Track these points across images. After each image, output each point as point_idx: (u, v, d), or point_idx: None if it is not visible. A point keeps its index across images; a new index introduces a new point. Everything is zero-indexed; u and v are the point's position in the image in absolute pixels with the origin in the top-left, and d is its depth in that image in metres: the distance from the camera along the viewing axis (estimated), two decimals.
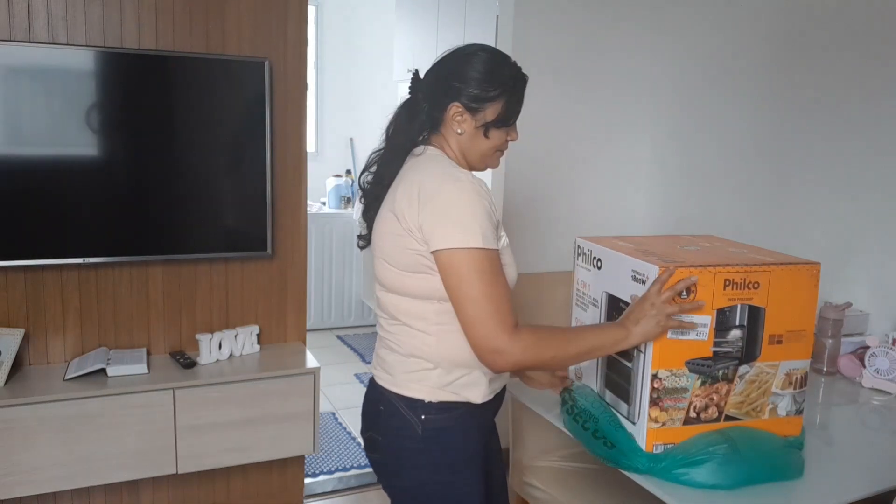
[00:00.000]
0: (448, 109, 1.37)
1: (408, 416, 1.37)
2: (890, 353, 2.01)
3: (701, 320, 1.36)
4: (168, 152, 2.34)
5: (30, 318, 2.29)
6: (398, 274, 1.34)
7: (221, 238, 2.46)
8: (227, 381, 2.32)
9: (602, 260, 1.51)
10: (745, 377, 1.42)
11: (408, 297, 1.35)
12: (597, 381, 1.55)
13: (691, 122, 3.03)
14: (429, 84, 1.41)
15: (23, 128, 2.16)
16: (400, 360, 1.39)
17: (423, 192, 1.29)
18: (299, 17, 2.48)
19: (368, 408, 1.49)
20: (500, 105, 1.38)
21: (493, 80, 1.36)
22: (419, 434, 1.37)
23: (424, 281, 1.32)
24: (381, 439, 1.43)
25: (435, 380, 1.36)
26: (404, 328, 1.38)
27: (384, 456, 1.45)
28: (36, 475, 2.11)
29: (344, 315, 5.00)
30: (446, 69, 1.39)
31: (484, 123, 1.38)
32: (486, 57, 1.38)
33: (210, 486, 2.56)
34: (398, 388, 1.39)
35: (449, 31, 3.97)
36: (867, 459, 1.57)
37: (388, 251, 1.35)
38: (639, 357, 1.39)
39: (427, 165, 1.35)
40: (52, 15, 2.17)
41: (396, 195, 1.34)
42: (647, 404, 1.37)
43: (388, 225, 1.34)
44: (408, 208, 1.30)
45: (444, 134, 1.40)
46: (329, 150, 5.34)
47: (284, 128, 2.50)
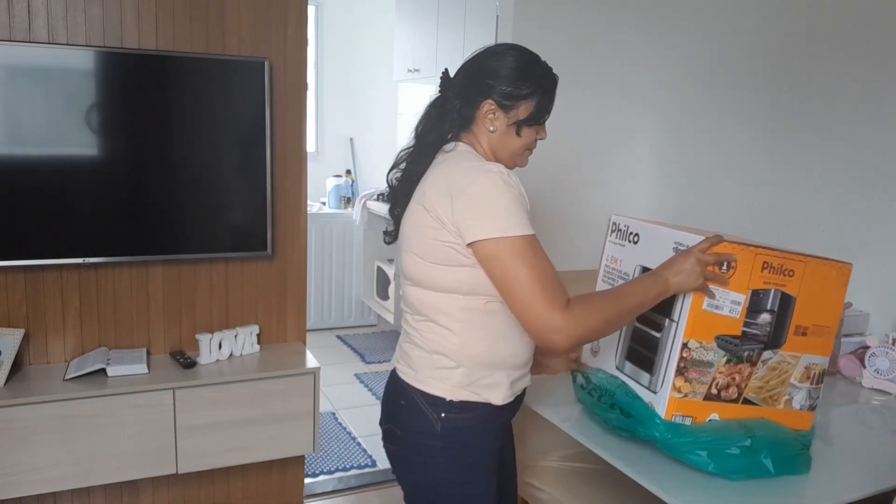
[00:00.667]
0: (481, 107, 1.38)
1: (428, 412, 1.38)
2: (890, 353, 2.01)
3: (736, 297, 1.37)
4: (168, 152, 2.34)
5: (30, 318, 2.29)
6: (426, 266, 1.34)
7: (221, 238, 2.46)
8: (227, 381, 2.32)
9: (640, 234, 1.52)
10: (767, 363, 1.44)
11: (434, 290, 1.35)
12: (617, 352, 1.55)
13: (691, 122, 3.03)
14: (460, 82, 1.42)
15: (23, 128, 2.16)
16: (423, 357, 1.39)
17: (454, 185, 1.30)
18: (299, 17, 2.48)
19: (389, 400, 1.49)
20: (532, 103, 1.39)
21: (526, 77, 1.37)
22: (438, 431, 1.37)
23: (452, 274, 1.32)
24: (400, 432, 1.43)
25: (457, 379, 1.37)
26: (429, 324, 1.38)
27: (401, 449, 1.45)
28: (36, 475, 2.11)
29: (344, 315, 5.00)
30: (478, 67, 1.40)
31: (516, 121, 1.39)
32: (519, 55, 1.39)
33: (210, 486, 2.56)
34: (420, 385, 1.39)
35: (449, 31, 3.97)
36: (867, 459, 1.57)
37: (417, 244, 1.36)
38: (670, 326, 1.39)
39: (457, 160, 1.36)
40: (52, 15, 2.17)
41: (426, 188, 1.35)
42: (672, 373, 1.37)
43: (418, 218, 1.35)
44: (438, 200, 1.30)
45: (474, 132, 1.41)
46: (329, 150, 5.34)
47: (284, 128, 2.50)
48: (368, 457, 3.14)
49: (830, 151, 2.43)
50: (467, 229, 1.27)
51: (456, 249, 1.30)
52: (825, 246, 2.42)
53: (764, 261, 1.38)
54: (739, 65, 2.78)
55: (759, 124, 2.70)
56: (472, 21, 3.65)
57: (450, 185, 1.30)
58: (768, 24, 2.65)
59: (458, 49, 3.84)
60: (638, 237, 1.52)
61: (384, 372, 4.20)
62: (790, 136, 2.58)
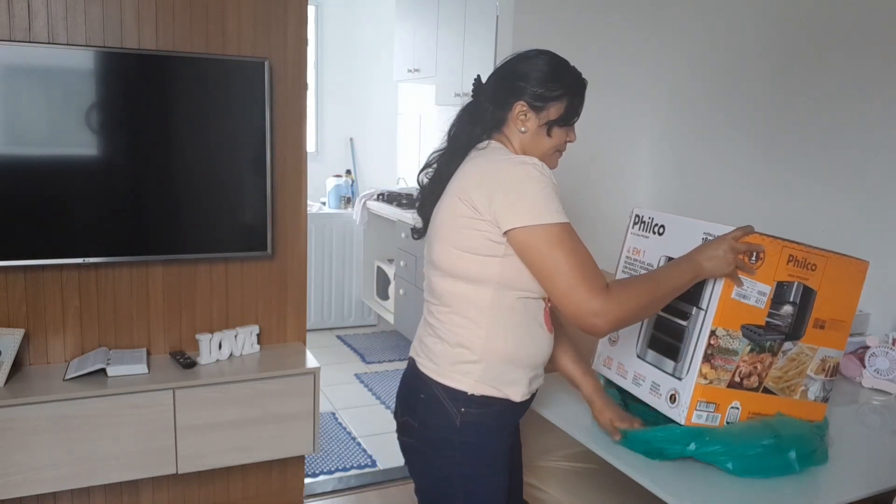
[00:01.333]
0: (513, 108, 1.42)
1: (448, 406, 1.39)
2: (890, 353, 2.01)
3: (762, 288, 1.40)
4: (168, 152, 2.34)
5: (30, 318, 2.29)
6: (458, 255, 1.36)
7: (221, 238, 2.46)
8: (227, 381, 2.32)
9: (665, 226, 1.55)
10: (787, 353, 1.48)
11: (464, 281, 1.37)
12: (638, 341, 1.56)
13: (691, 121, 3.03)
14: (492, 87, 1.47)
15: (23, 128, 2.16)
16: (446, 350, 1.41)
17: (490, 176, 1.34)
18: (299, 17, 2.48)
19: (407, 393, 1.50)
20: (562, 105, 1.44)
21: (557, 79, 1.43)
22: (457, 426, 1.39)
23: (484, 265, 1.34)
24: (417, 425, 1.44)
25: (479, 374, 1.39)
26: (455, 317, 1.40)
27: (418, 442, 1.46)
28: (36, 475, 2.11)
29: (344, 315, 5.00)
30: (510, 71, 1.45)
31: (547, 122, 1.43)
32: (549, 59, 1.45)
33: (210, 486, 2.56)
34: (442, 378, 1.40)
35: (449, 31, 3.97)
36: (867, 459, 1.57)
37: (450, 233, 1.37)
38: (698, 314, 1.42)
39: (491, 154, 1.40)
40: (52, 15, 2.17)
41: (462, 181, 1.38)
42: (700, 359, 1.39)
43: (453, 208, 1.37)
44: (475, 191, 1.33)
45: (506, 133, 1.45)
46: (329, 150, 5.34)
47: (284, 128, 2.50)
48: (368, 457, 3.14)
49: (830, 151, 2.43)
50: (504, 217, 1.30)
51: (490, 239, 1.33)
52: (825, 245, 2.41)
53: (790, 254, 1.42)
54: (739, 66, 2.78)
55: (760, 123, 2.70)
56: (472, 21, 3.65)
57: (486, 176, 1.35)
58: (768, 25, 2.65)
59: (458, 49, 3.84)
60: (664, 228, 1.55)
61: (384, 372, 4.20)
62: (790, 137, 2.58)
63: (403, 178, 5.27)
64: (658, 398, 1.48)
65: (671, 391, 1.45)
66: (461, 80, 3.82)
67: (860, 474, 1.49)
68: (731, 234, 1.37)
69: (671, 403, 1.45)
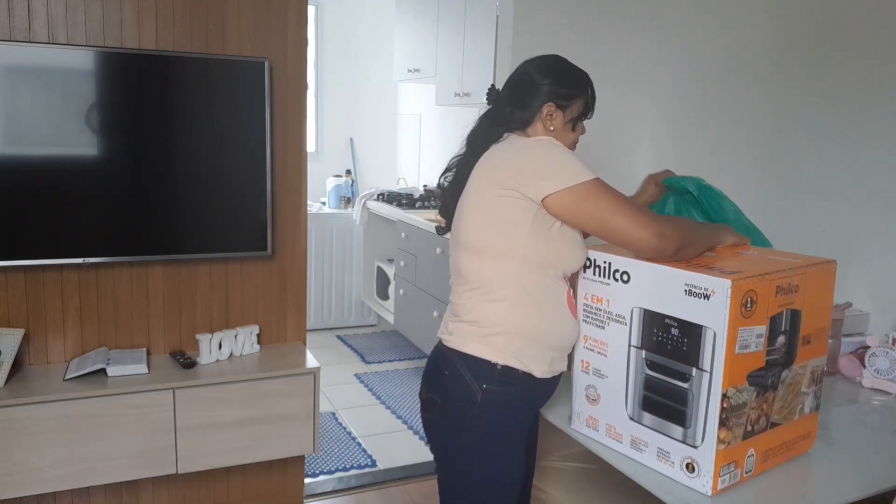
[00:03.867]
0: (541, 110, 1.52)
1: (471, 383, 1.44)
2: (890, 353, 2.01)
3: (759, 330, 1.34)
4: (168, 152, 2.34)
5: (30, 318, 2.29)
6: (486, 229, 1.42)
7: (221, 238, 2.46)
8: (227, 381, 2.32)
9: (630, 273, 1.43)
10: (784, 382, 1.42)
11: (489, 257, 1.43)
12: (627, 402, 1.48)
13: (691, 121, 3.03)
14: (510, 93, 1.55)
15: (23, 128, 2.16)
16: (471, 327, 1.47)
17: (512, 156, 1.44)
18: (299, 17, 2.48)
19: (432, 370, 1.55)
20: (582, 100, 1.56)
21: (575, 78, 1.56)
22: (478, 401, 1.44)
23: (511, 238, 1.41)
24: (441, 401, 1.50)
25: (502, 344, 1.44)
26: (481, 295, 1.45)
27: (441, 417, 1.51)
28: (36, 475, 2.11)
29: (344, 315, 5.00)
30: (530, 75, 1.55)
31: (571, 118, 1.55)
32: (561, 60, 1.59)
33: (210, 486, 2.56)
34: (466, 349, 1.45)
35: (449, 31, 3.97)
36: (867, 459, 1.57)
37: (478, 207, 1.44)
38: (700, 376, 1.33)
39: (509, 142, 1.49)
40: (52, 15, 2.17)
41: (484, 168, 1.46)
42: (715, 426, 1.32)
43: (479, 190, 1.44)
44: (500, 171, 1.42)
45: (529, 133, 1.54)
46: (329, 150, 5.34)
47: (284, 128, 2.50)
48: (368, 457, 3.14)
49: (830, 151, 2.43)
50: (538, 187, 1.37)
51: (520, 209, 1.39)
52: (825, 246, 2.42)
53: (777, 285, 1.35)
54: (740, 64, 2.78)
55: (760, 123, 2.70)
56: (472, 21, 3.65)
57: (508, 158, 1.44)
58: (768, 24, 2.65)
59: (458, 49, 3.84)
60: (628, 276, 1.44)
61: (384, 372, 4.20)
62: (790, 136, 2.58)
63: (403, 178, 5.27)
64: (671, 466, 1.40)
65: (686, 460, 1.37)
66: (461, 80, 3.82)
67: (860, 474, 1.49)
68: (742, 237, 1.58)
69: (689, 473, 1.37)
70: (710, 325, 1.30)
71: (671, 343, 1.37)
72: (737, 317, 1.29)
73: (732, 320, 1.28)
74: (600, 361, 1.52)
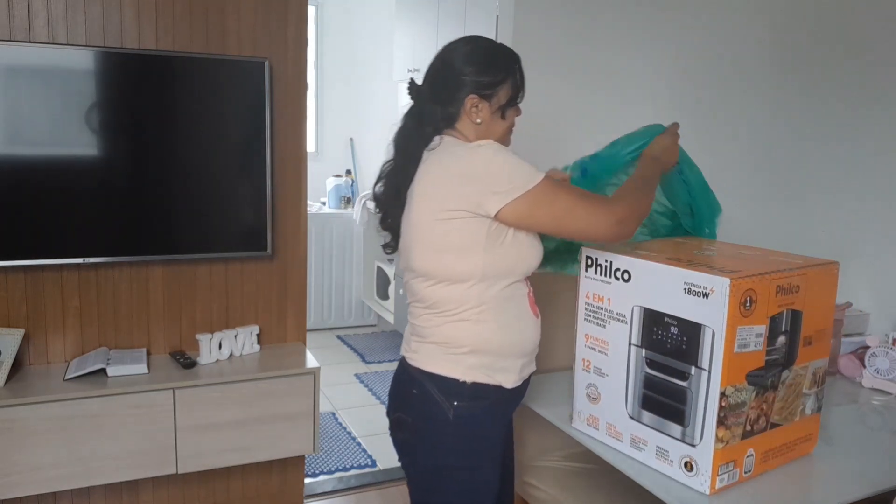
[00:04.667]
0: (464, 103, 1.43)
1: (440, 400, 1.41)
2: (890, 353, 2.01)
3: (759, 330, 1.34)
4: (168, 152, 2.34)
5: (30, 318, 2.29)
6: (439, 257, 1.37)
7: (221, 238, 2.46)
8: (227, 381, 2.32)
9: (631, 272, 1.44)
10: (785, 382, 1.42)
11: (448, 282, 1.38)
12: (627, 400, 1.48)
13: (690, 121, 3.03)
14: (431, 87, 1.47)
15: (23, 128, 2.16)
16: (435, 348, 1.43)
17: (453, 171, 1.36)
18: (299, 17, 2.48)
19: (399, 389, 1.51)
20: (509, 85, 1.46)
21: (496, 63, 1.45)
22: (450, 419, 1.41)
23: (467, 261, 1.36)
24: (411, 421, 1.46)
25: (470, 362, 1.41)
26: (441, 317, 1.41)
27: (412, 436, 1.47)
28: (36, 475, 2.11)
29: (344, 315, 5.00)
30: (447, 67, 1.45)
31: (500, 106, 1.46)
32: (482, 45, 1.47)
33: (210, 486, 2.56)
34: (434, 368, 1.42)
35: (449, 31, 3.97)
36: (867, 459, 1.57)
37: (429, 236, 1.37)
38: (699, 375, 1.34)
39: (446, 150, 1.40)
40: (52, 15, 2.17)
41: (425, 183, 1.39)
42: (713, 425, 1.32)
43: (427, 213, 1.37)
44: (443, 187, 1.35)
45: (458, 128, 1.46)
46: (329, 150, 5.34)
47: (284, 128, 2.50)
48: (368, 457, 3.14)
49: (830, 151, 2.43)
50: (488, 201, 1.32)
51: (470, 231, 1.34)
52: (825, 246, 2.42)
53: (777, 285, 1.35)
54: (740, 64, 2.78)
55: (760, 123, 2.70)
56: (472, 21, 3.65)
57: (449, 172, 1.36)
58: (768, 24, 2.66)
59: None
60: (629, 274, 1.44)
61: (384, 372, 4.19)
62: (791, 136, 2.58)
63: None
64: (669, 465, 1.41)
65: (685, 459, 1.38)
66: None
67: (860, 474, 1.49)
68: (670, 130, 1.60)
69: (688, 471, 1.38)
70: (708, 324, 1.31)
71: (671, 341, 1.38)
72: (735, 315, 1.29)
73: (731, 319, 1.29)
74: (601, 360, 1.53)
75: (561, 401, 1.71)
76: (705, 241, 1.65)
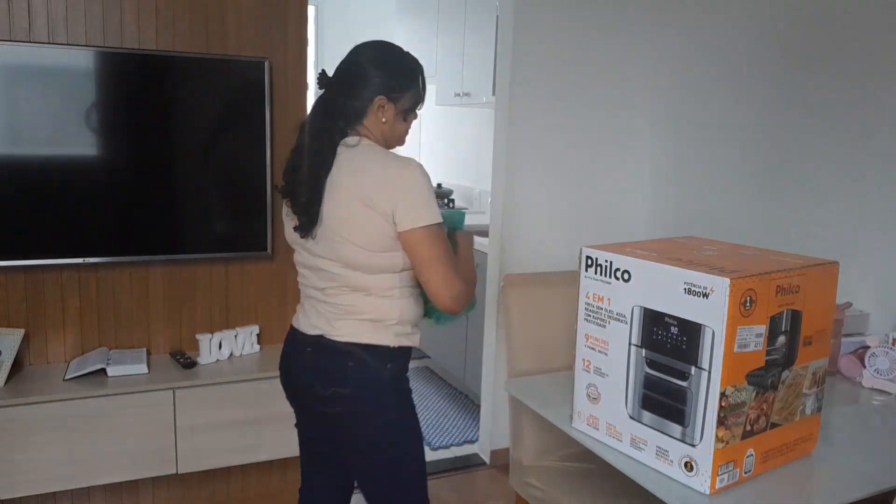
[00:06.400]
0: (373, 102, 1.55)
1: (375, 365, 1.56)
2: (890, 353, 2.01)
3: (759, 330, 1.33)
4: (168, 152, 2.34)
5: (30, 318, 2.29)
6: (371, 255, 1.51)
7: (221, 238, 2.46)
8: (227, 381, 2.32)
9: (631, 272, 1.44)
10: (785, 382, 1.42)
11: (375, 273, 1.54)
12: (627, 400, 1.48)
13: (692, 120, 3.03)
14: (343, 81, 1.57)
15: (23, 128, 2.16)
16: (366, 322, 1.57)
17: (388, 180, 1.47)
18: (299, 17, 2.48)
19: (329, 367, 1.59)
20: (413, 92, 1.60)
21: (407, 70, 1.59)
22: (386, 379, 1.57)
23: (391, 259, 1.52)
24: (349, 391, 1.56)
25: (397, 329, 1.58)
26: (370, 298, 1.56)
27: (351, 407, 1.57)
28: (36, 475, 2.11)
29: None
30: (362, 67, 1.56)
31: (403, 110, 1.59)
32: (394, 51, 1.60)
33: (210, 486, 2.57)
34: (367, 339, 1.56)
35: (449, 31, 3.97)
36: (867, 459, 1.57)
37: (358, 235, 1.50)
38: (699, 375, 1.33)
39: (374, 156, 1.52)
40: (52, 15, 2.18)
41: (359, 184, 1.49)
42: (713, 425, 1.32)
43: (359, 212, 1.49)
44: (378, 196, 1.47)
45: (366, 125, 1.57)
46: None
47: (284, 128, 2.50)
48: None
49: (830, 151, 2.43)
50: (404, 219, 1.47)
51: (392, 237, 1.50)
52: (825, 246, 2.42)
53: (777, 285, 1.35)
54: (740, 64, 2.78)
55: (760, 123, 2.70)
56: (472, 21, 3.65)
57: (383, 180, 1.48)
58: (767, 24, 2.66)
59: (458, 49, 3.84)
60: (629, 274, 1.44)
61: None
62: (791, 136, 2.58)
63: None
64: (668, 465, 1.40)
65: (685, 458, 1.37)
66: (461, 80, 3.82)
67: (860, 474, 1.49)
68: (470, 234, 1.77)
69: (688, 472, 1.37)
70: (708, 324, 1.31)
71: (671, 342, 1.38)
72: (735, 315, 1.29)
73: (731, 319, 1.29)
74: (601, 360, 1.53)
75: (561, 401, 1.71)
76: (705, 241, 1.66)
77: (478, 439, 3.28)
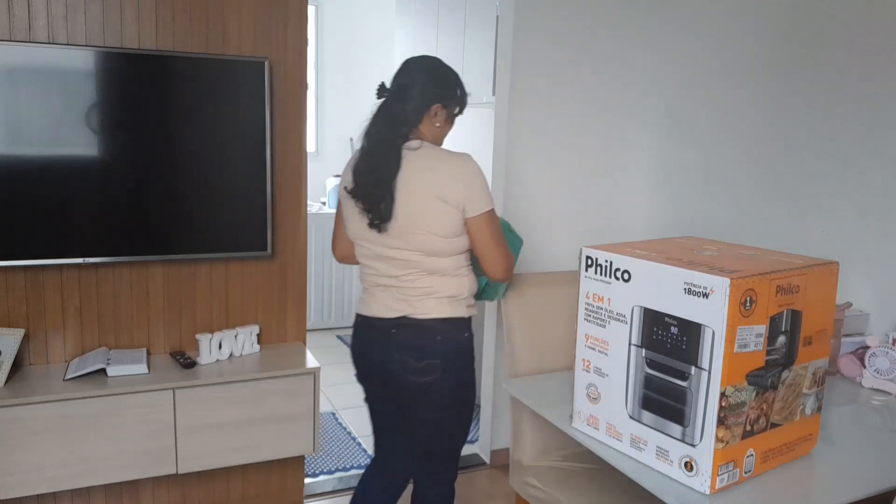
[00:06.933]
0: (430, 109, 1.81)
1: (458, 335, 1.83)
2: (890, 353, 2.01)
3: (759, 329, 1.34)
4: (168, 152, 2.34)
5: (30, 318, 2.29)
6: (445, 241, 1.75)
7: (221, 238, 2.46)
8: (227, 381, 2.32)
9: (631, 272, 1.45)
10: (785, 382, 1.42)
11: (448, 256, 1.78)
12: (627, 401, 1.48)
13: (692, 120, 3.03)
14: (402, 92, 1.80)
15: (23, 128, 2.16)
16: (445, 299, 1.81)
17: (457, 177, 1.72)
18: (299, 18, 2.48)
19: (420, 343, 1.81)
20: (460, 99, 1.88)
21: (454, 81, 1.87)
22: (465, 346, 1.85)
23: (461, 242, 1.78)
24: (440, 361, 1.80)
25: (467, 301, 1.86)
26: (445, 278, 1.80)
27: (441, 373, 1.80)
28: (36, 475, 2.11)
29: (344, 315, 4.99)
30: (421, 77, 1.81)
31: (451, 115, 1.87)
32: (443, 64, 1.88)
33: (210, 486, 2.57)
34: (448, 314, 1.81)
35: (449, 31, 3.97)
36: (867, 459, 1.57)
37: (435, 226, 1.73)
38: (699, 375, 1.34)
39: (437, 155, 1.77)
40: (52, 15, 2.17)
41: (434, 182, 1.72)
42: (713, 424, 1.32)
43: (434, 206, 1.72)
44: (450, 190, 1.71)
45: (420, 129, 1.82)
46: (329, 150, 5.34)
47: (284, 128, 2.50)
48: (368, 457, 3.14)
49: (829, 151, 2.43)
50: (472, 206, 1.73)
51: (462, 223, 1.75)
52: (825, 246, 2.42)
53: (777, 285, 1.35)
54: (740, 65, 2.78)
55: (760, 124, 2.70)
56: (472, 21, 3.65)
57: (458, 177, 1.72)
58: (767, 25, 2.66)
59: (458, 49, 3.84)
60: (629, 274, 1.45)
61: None
62: (791, 136, 2.58)
63: None
64: (669, 465, 1.41)
65: (685, 458, 1.38)
66: None
67: (860, 474, 1.49)
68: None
69: (688, 472, 1.37)
70: (708, 324, 1.31)
71: (671, 341, 1.38)
72: (735, 315, 1.29)
73: (731, 319, 1.29)
74: (601, 360, 1.53)
75: (561, 401, 1.71)
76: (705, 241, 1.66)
77: (478, 439, 3.28)
